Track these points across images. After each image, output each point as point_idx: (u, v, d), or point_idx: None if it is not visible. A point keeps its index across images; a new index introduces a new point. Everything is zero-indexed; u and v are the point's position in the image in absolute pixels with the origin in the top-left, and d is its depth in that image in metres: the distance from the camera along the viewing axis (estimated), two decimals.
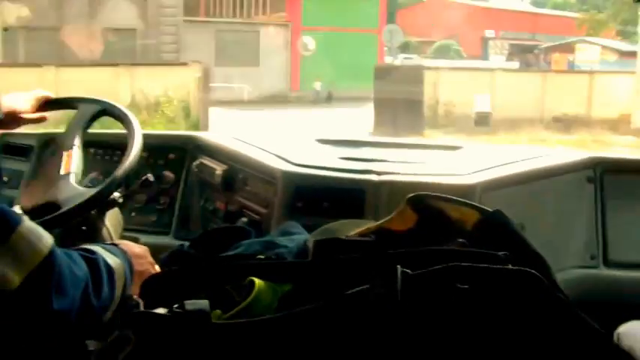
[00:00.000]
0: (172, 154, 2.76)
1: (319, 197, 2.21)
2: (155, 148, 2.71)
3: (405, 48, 40.22)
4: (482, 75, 24.10)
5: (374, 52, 32.26)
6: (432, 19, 43.03)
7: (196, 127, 16.32)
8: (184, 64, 19.91)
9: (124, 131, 2.08)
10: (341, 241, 1.43)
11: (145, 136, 2.04)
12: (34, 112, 2.12)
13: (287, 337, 1.20)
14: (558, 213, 2.50)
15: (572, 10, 48.38)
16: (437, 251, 1.31)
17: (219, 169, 2.53)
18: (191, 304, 1.22)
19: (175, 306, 1.23)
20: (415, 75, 20.70)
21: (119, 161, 1.98)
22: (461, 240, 1.44)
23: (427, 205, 1.55)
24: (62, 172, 1.96)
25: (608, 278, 2.50)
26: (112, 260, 1.49)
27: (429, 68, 23.05)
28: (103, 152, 2.76)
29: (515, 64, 36.50)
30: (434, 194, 1.57)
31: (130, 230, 2.46)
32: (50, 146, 2.82)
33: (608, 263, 2.51)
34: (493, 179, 2.30)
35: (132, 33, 26.79)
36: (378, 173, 2.24)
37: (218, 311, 1.28)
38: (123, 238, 2.16)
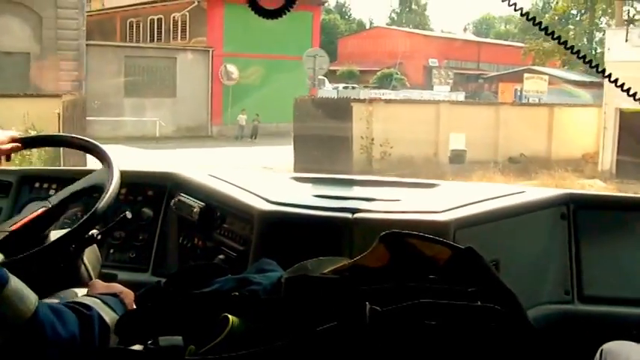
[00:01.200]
0: (151, 191, 2.78)
1: (295, 235, 2.23)
2: (133, 185, 2.73)
3: (348, 77, 39.48)
4: (424, 108, 21.41)
5: (305, 82, 27.75)
6: (374, 47, 41.86)
7: None
8: (57, 95, 17.77)
9: (101, 168, 2.11)
10: (311, 278, 1.45)
11: (123, 173, 2.06)
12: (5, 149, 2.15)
13: None
14: (533, 249, 2.54)
15: (515, 40, 48.00)
16: (406, 288, 1.33)
17: (196, 206, 2.55)
18: (165, 340, 1.24)
19: (149, 342, 1.25)
20: (343, 108, 18.83)
21: (98, 198, 2.00)
22: (432, 277, 1.46)
23: (400, 243, 1.57)
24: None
25: (583, 313, 2.52)
26: (109, 316, 1.51)
27: (359, 100, 20.79)
28: (81, 189, 2.76)
29: (461, 95, 35.35)
30: (406, 232, 1.59)
31: (108, 267, 2.47)
32: (28, 182, 2.84)
33: (582, 299, 2.54)
34: (467, 216, 2.32)
35: (24, 57, 24.71)
36: (353, 211, 2.26)
37: (192, 347, 1.30)
38: (101, 274, 2.17)
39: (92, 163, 2.34)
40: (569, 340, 2.37)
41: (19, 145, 2.18)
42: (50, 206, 2.04)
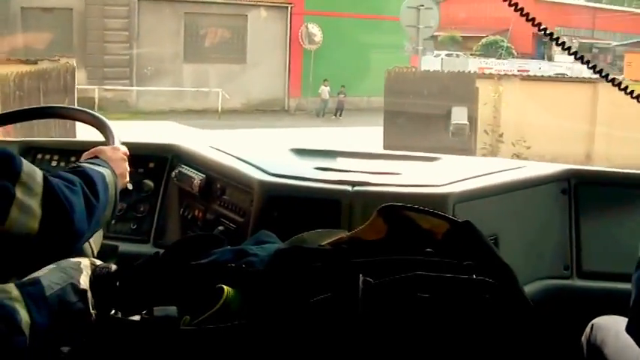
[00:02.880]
0: (152, 163, 2.78)
1: (294, 207, 2.23)
2: (134, 156, 2.72)
3: (449, 44, 33.92)
4: (574, 89, 14.10)
5: (403, 47, 23.78)
6: (479, 11, 35.58)
7: None
8: (55, 59, 14.52)
9: (103, 139, 2.11)
10: (304, 250, 1.45)
11: (125, 145, 2.06)
12: None
13: (253, 343, 1.22)
14: (533, 224, 2.53)
15: (633, 6, 40.23)
16: (401, 261, 1.33)
17: (197, 178, 2.55)
18: (160, 310, 1.25)
19: (144, 312, 1.26)
20: (459, 86, 13.68)
21: None
22: (428, 250, 1.46)
23: (398, 216, 1.57)
24: None
25: (582, 288, 2.53)
26: (98, 168, 1.65)
27: (486, 77, 14.81)
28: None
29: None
30: (404, 205, 1.59)
31: (109, 238, 2.48)
32: (31, 152, 2.84)
33: (581, 274, 2.54)
34: (467, 190, 2.32)
35: (66, 14, 21.30)
36: (353, 184, 2.27)
37: (187, 317, 1.31)
38: (102, 245, 2.18)
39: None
40: (565, 315, 2.38)
41: None
42: None
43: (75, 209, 1.43)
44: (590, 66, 1.96)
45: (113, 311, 1.44)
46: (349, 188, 2.25)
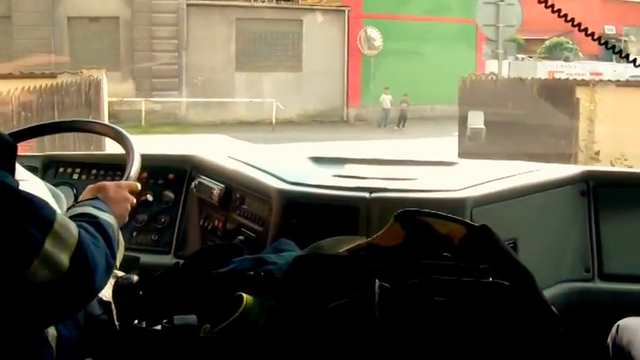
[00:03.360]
0: (171, 175, 2.80)
1: (313, 215, 2.24)
2: (154, 168, 2.76)
3: (511, 46, 29.21)
4: None
5: (470, 53, 22.09)
6: (541, 12, 32.76)
7: None
8: (76, 72, 13.09)
9: (123, 152, 2.13)
10: (322, 256, 1.47)
11: (144, 157, 2.08)
12: None
13: (272, 350, 1.24)
14: (552, 227, 2.53)
15: None
16: (418, 265, 1.34)
17: (216, 188, 2.57)
18: (180, 319, 1.27)
19: (165, 321, 1.27)
20: (555, 95, 11.73)
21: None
22: (445, 254, 1.47)
23: (415, 221, 1.58)
24: None
25: (603, 291, 2.52)
26: (106, 216, 1.59)
27: (581, 83, 12.26)
28: (104, 173, 2.80)
29: None
30: (421, 210, 1.60)
31: (131, 250, 2.49)
32: (53, 166, 2.87)
33: (602, 276, 2.53)
34: (485, 194, 2.32)
35: (113, 23, 20.43)
36: (370, 190, 2.27)
37: (207, 325, 1.33)
38: (124, 257, 2.20)
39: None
40: (589, 317, 2.37)
41: None
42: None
43: (98, 269, 1.40)
44: None
45: (136, 321, 1.46)
46: (367, 195, 2.26)
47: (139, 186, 1.88)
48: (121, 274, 1.88)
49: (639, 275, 2.49)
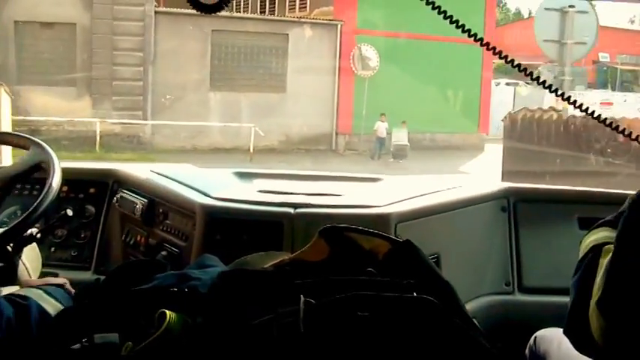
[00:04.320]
0: (93, 188, 2.75)
1: (237, 230, 2.24)
2: (75, 182, 2.70)
3: (504, 72, 27.25)
4: None
5: (474, 76, 19.96)
6: (531, 37, 31.10)
7: None
8: None
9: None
10: (247, 272, 1.46)
11: (65, 170, 2.03)
12: None
13: None
14: (474, 242, 2.58)
15: None
16: (342, 281, 1.35)
17: (139, 202, 2.54)
18: (100, 338, 1.25)
19: (84, 340, 1.25)
20: None
21: (38, 195, 1.97)
22: (370, 269, 1.48)
23: (339, 237, 1.59)
24: None
25: (523, 303, 2.58)
26: (50, 305, 1.53)
27: None
28: (21, 186, 2.73)
29: None
30: (345, 226, 1.61)
31: (49, 266, 2.44)
32: None
33: (522, 289, 2.60)
34: (409, 210, 2.36)
35: (69, 30, 17.66)
36: (295, 206, 2.28)
37: (130, 343, 1.30)
38: (42, 273, 2.15)
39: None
40: (509, 329, 2.42)
41: None
42: None
43: None
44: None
45: (53, 340, 1.42)
46: (291, 210, 2.27)
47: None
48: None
49: (557, 288, 2.55)
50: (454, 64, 19.31)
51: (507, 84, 23.83)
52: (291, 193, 2.45)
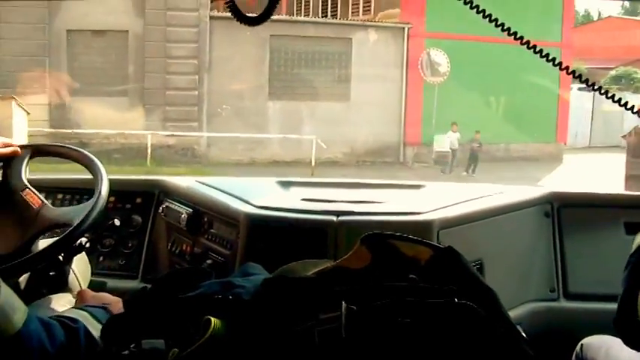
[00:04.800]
0: (139, 199, 2.81)
1: (281, 238, 2.26)
2: (122, 192, 2.76)
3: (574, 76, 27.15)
4: None
5: (552, 81, 17.66)
6: (606, 41, 30.06)
7: None
8: None
9: (90, 177, 2.12)
10: (289, 279, 1.48)
11: (112, 181, 2.07)
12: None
13: None
14: (517, 248, 2.57)
15: None
16: (384, 287, 1.36)
17: (184, 212, 2.58)
18: (147, 344, 1.27)
19: (132, 345, 1.28)
20: None
21: None
22: (412, 276, 1.49)
23: (381, 244, 1.59)
24: (36, 206, 1.98)
25: (568, 310, 2.56)
26: (95, 329, 1.53)
27: None
28: (71, 197, 2.79)
29: None
30: (387, 233, 1.62)
31: (97, 274, 2.50)
32: None
33: (567, 295, 2.58)
34: (451, 217, 2.36)
35: (121, 37, 17.01)
36: (338, 214, 2.30)
37: (176, 350, 1.32)
38: (91, 282, 2.20)
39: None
40: (554, 336, 2.41)
41: (17, 150, 2.08)
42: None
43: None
44: None
45: (101, 346, 1.46)
46: (334, 218, 2.28)
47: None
48: None
49: (603, 294, 2.53)
50: (530, 69, 16.34)
51: (579, 89, 21.51)
52: (334, 201, 2.47)
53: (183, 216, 2.58)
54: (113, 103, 15.76)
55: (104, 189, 2.01)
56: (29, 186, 2.03)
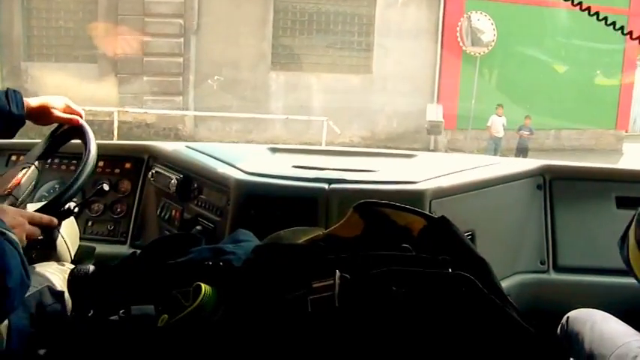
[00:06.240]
0: (128, 164, 2.79)
1: (271, 205, 2.24)
2: (111, 157, 2.74)
3: None
4: None
5: (614, 57, 15.36)
6: None
7: None
8: None
9: (79, 141, 2.10)
10: (281, 246, 1.47)
11: (101, 146, 2.06)
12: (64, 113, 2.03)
13: (229, 340, 1.24)
14: (509, 219, 2.57)
15: None
16: (377, 256, 1.35)
17: (174, 178, 2.56)
18: (137, 309, 1.26)
19: (122, 311, 1.27)
20: None
21: (75, 170, 2.00)
22: (405, 245, 1.48)
23: (374, 212, 1.59)
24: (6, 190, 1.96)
25: (558, 282, 2.57)
26: (12, 234, 1.50)
27: None
28: (59, 162, 2.78)
29: None
30: (380, 201, 1.61)
31: (86, 239, 2.50)
32: (4, 154, 2.84)
33: (557, 268, 2.59)
34: (444, 187, 2.35)
35: None
36: (330, 181, 2.28)
37: (165, 316, 1.32)
38: (79, 247, 2.19)
39: None
40: (542, 308, 2.42)
41: (73, 118, 2.05)
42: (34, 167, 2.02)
43: (11, 278, 1.35)
44: None
45: (91, 312, 1.45)
46: (326, 186, 2.27)
47: (44, 219, 1.77)
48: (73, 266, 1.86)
49: (592, 267, 2.55)
50: (589, 40, 14.80)
51: None
52: (326, 169, 2.45)
53: (172, 181, 2.56)
54: (79, 70, 13.09)
55: (92, 153, 1.99)
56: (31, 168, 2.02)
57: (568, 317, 2.16)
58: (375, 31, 14.68)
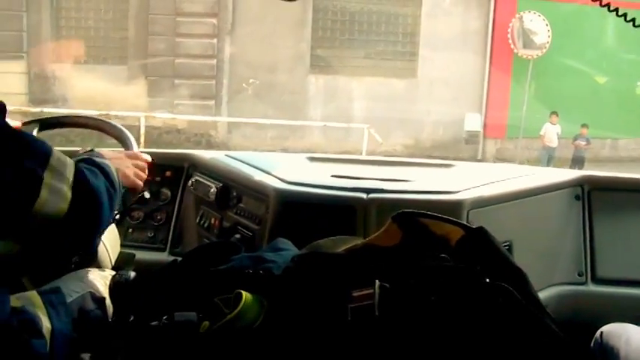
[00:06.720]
0: (169, 172, 2.82)
1: (310, 214, 2.26)
2: (152, 165, 2.78)
3: None
4: None
5: None
6: None
7: None
8: None
9: (121, 149, 2.14)
10: (321, 255, 1.49)
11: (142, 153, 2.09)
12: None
13: (270, 347, 1.26)
14: (547, 230, 2.56)
15: None
16: (416, 266, 1.36)
17: (213, 186, 2.59)
18: (180, 316, 1.29)
19: (165, 317, 1.29)
20: None
21: None
22: (443, 255, 1.49)
23: (412, 222, 1.60)
24: None
25: (596, 295, 2.55)
26: (104, 161, 1.64)
27: None
28: None
29: None
30: (418, 211, 1.62)
31: (126, 246, 2.53)
32: None
33: (595, 280, 2.57)
34: (482, 197, 2.35)
35: None
36: (368, 191, 2.29)
37: (206, 323, 1.34)
38: (120, 254, 2.22)
39: None
40: (580, 320, 2.40)
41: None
42: None
43: (101, 196, 1.47)
44: None
45: (132, 318, 1.48)
46: (364, 195, 2.28)
47: (149, 159, 1.96)
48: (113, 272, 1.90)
49: (632, 279, 2.52)
50: None
51: None
52: (364, 179, 2.47)
53: (212, 190, 2.59)
54: (108, 72, 12.63)
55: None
56: None
57: (602, 332, 2.14)
58: (420, 31, 13.97)
